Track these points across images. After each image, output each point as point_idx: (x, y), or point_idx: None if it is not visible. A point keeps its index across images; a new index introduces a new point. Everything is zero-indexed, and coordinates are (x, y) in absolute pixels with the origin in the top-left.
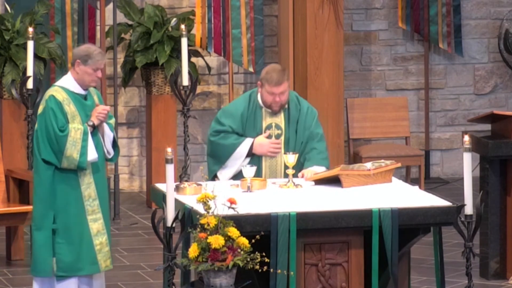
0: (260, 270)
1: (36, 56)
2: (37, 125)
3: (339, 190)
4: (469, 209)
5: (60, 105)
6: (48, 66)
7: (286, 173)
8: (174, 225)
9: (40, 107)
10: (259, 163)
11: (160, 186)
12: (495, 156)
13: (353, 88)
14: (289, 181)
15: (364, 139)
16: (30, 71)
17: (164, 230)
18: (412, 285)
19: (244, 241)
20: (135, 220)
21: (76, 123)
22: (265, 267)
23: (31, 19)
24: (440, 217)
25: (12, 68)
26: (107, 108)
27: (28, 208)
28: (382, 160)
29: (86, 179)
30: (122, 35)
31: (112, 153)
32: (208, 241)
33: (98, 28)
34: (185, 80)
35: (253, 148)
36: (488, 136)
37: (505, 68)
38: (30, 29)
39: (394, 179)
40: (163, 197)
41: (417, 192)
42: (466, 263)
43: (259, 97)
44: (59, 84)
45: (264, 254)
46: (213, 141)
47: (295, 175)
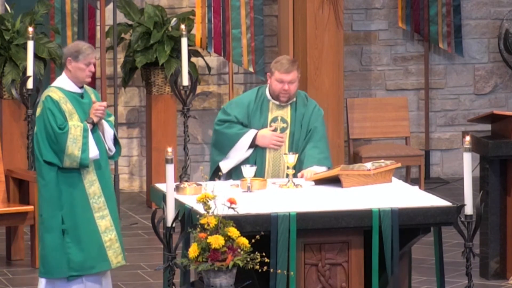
0: (260, 270)
1: (36, 56)
2: (36, 128)
3: (339, 190)
4: (469, 209)
5: (57, 104)
6: (48, 66)
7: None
8: (174, 225)
9: (38, 109)
10: (263, 158)
11: (160, 186)
12: (495, 156)
13: (353, 88)
14: (289, 181)
15: (364, 139)
16: (30, 71)
17: (164, 230)
18: (412, 285)
19: (244, 241)
20: (135, 220)
21: (75, 121)
22: (265, 267)
23: (31, 19)
24: (440, 217)
25: (12, 68)
26: (104, 104)
27: (28, 208)
28: (382, 160)
29: (90, 177)
30: (122, 35)
31: (114, 150)
32: (208, 241)
33: (98, 28)
34: (185, 80)
35: (256, 139)
36: (488, 136)
37: (505, 68)
38: (30, 29)
39: (394, 179)
40: (163, 197)
41: (417, 192)
42: (466, 263)
43: (267, 91)
44: (55, 85)
45: (264, 254)
46: (218, 130)
47: (295, 175)
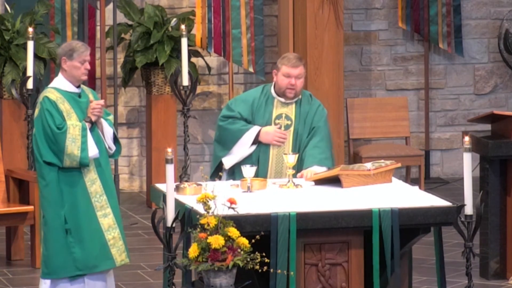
0: (260, 270)
1: (36, 56)
2: (35, 129)
3: (339, 190)
4: (469, 209)
5: (55, 104)
6: (48, 66)
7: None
8: (174, 225)
9: (36, 111)
10: (267, 155)
11: (160, 186)
12: (495, 156)
13: (353, 88)
14: (289, 181)
15: (364, 139)
16: (30, 71)
17: (164, 230)
18: (413, 285)
19: (244, 241)
20: (135, 220)
21: (73, 121)
22: (265, 267)
23: (31, 19)
24: (440, 217)
25: (12, 68)
26: (101, 102)
27: (28, 208)
28: (382, 160)
29: (90, 176)
30: (122, 35)
31: (114, 149)
32: (208, 241)
33: (98, 28)
34: (185, 80)
35: (260, 136)
36: (488, 136)
37: (505, 68)
38: (30, 29)
39: (394, 179)
40: (163, 197)
41: (417, 192)
42: (466, 263)
43: (272, 89)
44: (52, 86)
45: (264, 254)
46: (221, 126)
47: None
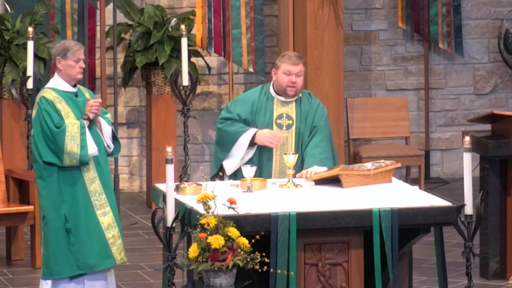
0: (260, 270)
1: (36, 56)
2: (33, 130)
3: (339, 190)
4: (469, 209)
5: (52, 104)
6: (48, 66)
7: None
8: (174, 225)
9: (33, 111)
10: (270, 157)
11: (160, 186)
12: (495, 156)
13: (353, 88)
14: (289, 181)
15: (364, 139)
16: (30, 71)
17: (164, 230)
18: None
19: (244, 241)
20: (135, 220)
21: (71, 119)
22: (265, 267)
23: (31, 19)
24: (440, 217)
25: (12, 68)
26: (99, 101)
27: (28, 208)
28: (382, 160)
29: (90, 175)
30: (122, 35)
31: (113, 147)
32: (208, 241)
33: (98, 28)
34: (185, 80)
35: (255, 138)
36: (488, 136)
37: (505, 68)
38: (30, 29)
39: (394, 179)
40: (163, 197)
41: (417, 192)
42: (466, 263)
43: (271, 89)
44: (48, 86)
45: (264, 254)
46: (220, 128)
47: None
